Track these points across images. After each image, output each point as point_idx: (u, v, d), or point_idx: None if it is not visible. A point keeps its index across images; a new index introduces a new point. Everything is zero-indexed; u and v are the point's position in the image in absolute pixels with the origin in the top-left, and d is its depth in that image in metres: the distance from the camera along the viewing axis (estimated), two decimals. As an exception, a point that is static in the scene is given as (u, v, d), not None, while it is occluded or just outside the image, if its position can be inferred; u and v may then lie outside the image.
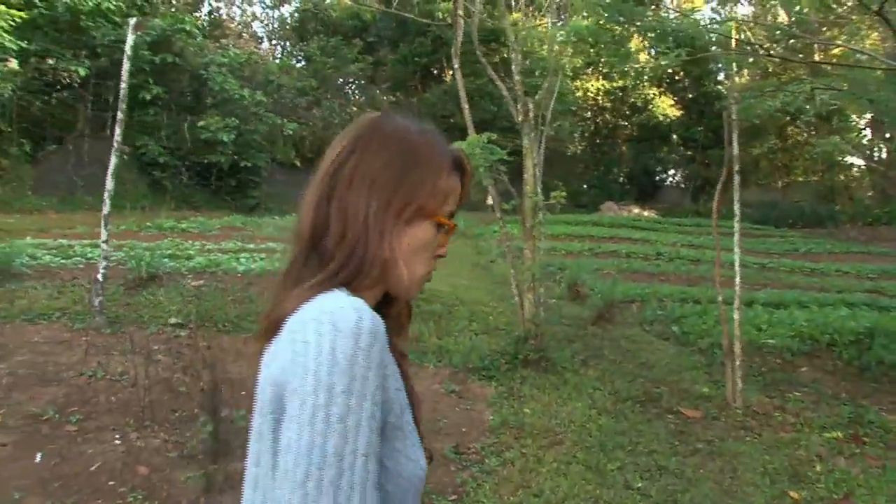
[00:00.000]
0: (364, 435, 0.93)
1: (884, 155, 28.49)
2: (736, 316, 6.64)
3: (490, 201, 7.64)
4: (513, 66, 6.85)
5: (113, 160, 7.32)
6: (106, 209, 7.31)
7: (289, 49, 30.80)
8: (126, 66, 7.31)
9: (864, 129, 29.60)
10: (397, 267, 1.12)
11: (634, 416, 6.18)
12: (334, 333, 0.95)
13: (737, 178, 6.71)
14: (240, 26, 28.42)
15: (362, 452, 0.92)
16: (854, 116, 29.80)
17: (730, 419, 6.37)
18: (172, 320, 7.45)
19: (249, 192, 22.67)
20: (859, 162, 29.66)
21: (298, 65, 28.56)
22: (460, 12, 6.96)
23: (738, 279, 6.70)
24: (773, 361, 7.88)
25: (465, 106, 7.02)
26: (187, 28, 20.30)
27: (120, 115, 7.31)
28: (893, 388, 7.62)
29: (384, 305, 1.21)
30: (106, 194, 7.34)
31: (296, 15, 29.97)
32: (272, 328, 1.07)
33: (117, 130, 7.30)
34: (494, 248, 13.24)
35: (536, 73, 20.03)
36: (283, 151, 24.52)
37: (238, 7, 28.01)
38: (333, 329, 0.95)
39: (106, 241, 7.34)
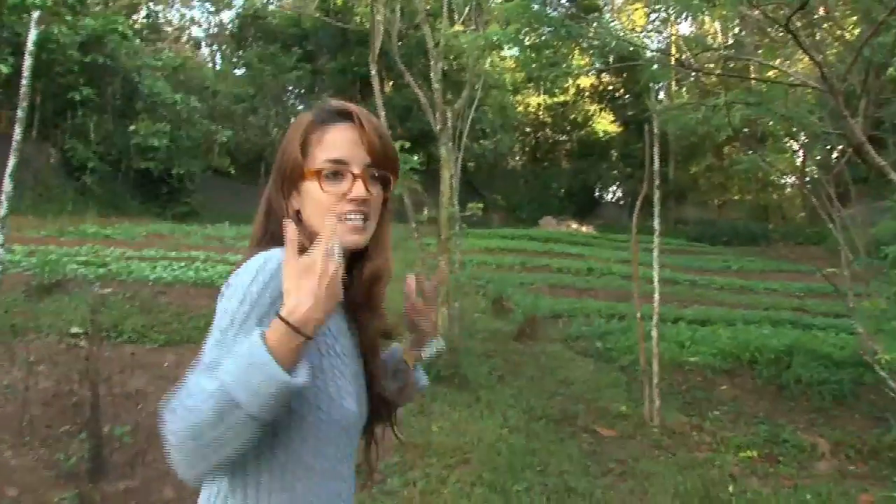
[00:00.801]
0: (240, 339, 1.12)
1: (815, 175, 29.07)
2: (654, 334, 6.53)
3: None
4: (432, 74, 6.68)
5: (12, 160, 6.92)
6: (2, 211, 6.90)
7: (228, 55, 30.20)
8: (28, 62, 6.92)
9: (797, 150, 30.32)
10: (310, 223, 1.33)
11: (548, 435, 6.01)
12: (243, 271, 1.22)
13: (657, 194, 6.62)
14: (177, 30, 27.76)
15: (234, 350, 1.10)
16: (787, 138, 30.54)
17: (645, 438, 6.24)
18: (73, 329, 7.07)
19: (182, 199, 22.15)
20: (792, 181, 30.22)
21: (238, 72, 28.05)
22: (379, 17, 6.78)
23: (656, 296, 6.61)
24: (694, 379, 7.81)
25: (382, 113, 6.83)
26: (120, 29, 19.73)
27: (20, 114, 6.91)
28: (810, 407, 7.61)
29: (354, 266, 1.38)
30: (3, 196, 6.93)
31: (235, 21, 29.43)
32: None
33: (17, 130, 6.90)
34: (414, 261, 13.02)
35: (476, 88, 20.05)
36: (218, 159, 24.05)
37: (177, 11, 27.35)
38: (244, 269, 1.22)
39: (2, 246, 6.92)
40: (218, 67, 28.87)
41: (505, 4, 5.96)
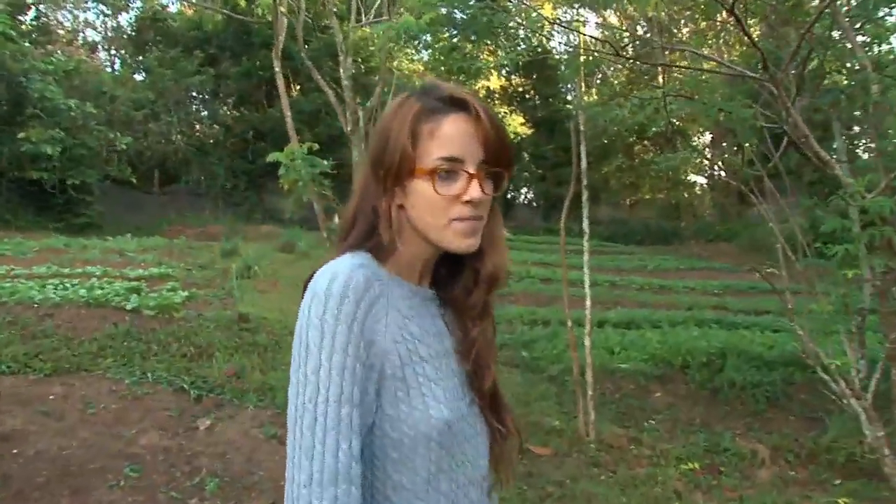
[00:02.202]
0: (335, 384, 1.07)
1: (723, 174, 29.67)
2: (587, 342, 6.13)
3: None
4: (341, 71, 6.15)
5: None
6: None
7: (127, 60, 28.80)
8: None
9: (705, 148, 30.94)
10: (417, 225, 1.22)
11: (479, 458, 5.56)
12: (311, 298, 1.12)
13: (585, 194, 6.25)
14: (71, 33, 26.28)
15: (334, 400, 1.06)
16: (695, 137, 31.13)
17: (583, 455, 5.85)
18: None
19: (80, 210, 20.87)
20: (702, 180, 30.85)
21: (139, 77, 26.76)
22: (283, 9, 6.22)
23: (588, 302, 6.20)
24: (627, 387, 7.48)
25: (288, 113, 6.27)
26: (2, 30, 18.42)
27: None
28: (745, 410, 7.39)
29: (453, 265, 1.33)
30: None
31: (134, 24, 28.08)
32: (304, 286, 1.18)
33: None
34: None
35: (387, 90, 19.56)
36: (117, 168, 22.83)
37: (69, 12, 25.86)
38: (310, 294, 1.12)
39: None
40: (117, 72, 27.43)
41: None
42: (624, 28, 15.02)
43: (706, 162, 29.07)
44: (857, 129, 11.92)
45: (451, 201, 1.18)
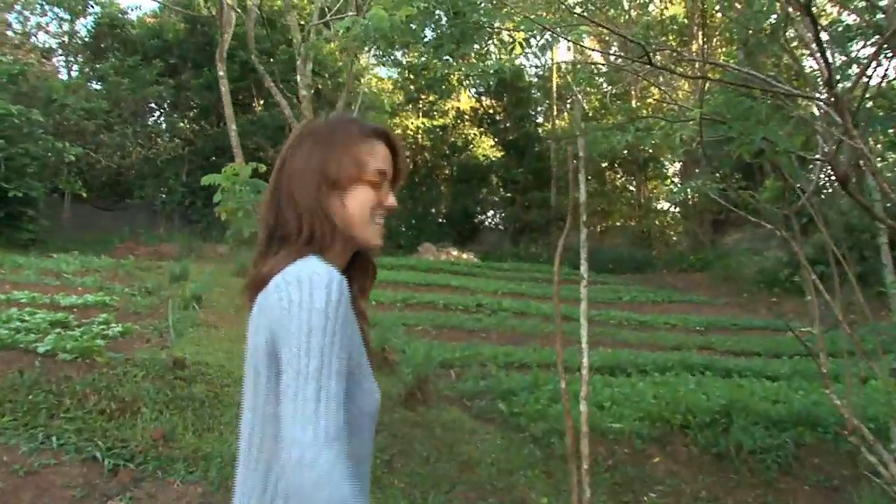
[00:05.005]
0: (335, 362, 1.27)
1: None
2: (583, 408, 5.13)
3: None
4: (298, 78, 5.16)
5: None
6: None
7: (85, 68, 27.34)
8: None
9: (675, 176, 30.43)
10: (350, 227, 1.50)
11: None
12: (312, 288, 1.31)
13: (584, 233, 5.33)
14: (22, 35, 24.86)
15: (336, 373, 1.27)
16: (667, 163, 30.59)
17: (578, 545, 4.88)
18: None
19: (22, 225, 19.41)
20: (674, 208, 30.31)
21: (96, 86, 25.36)
22: (229, 1, 5.22)
23: (585, 359, 5.22)
24: (622, 452, 6.51)
25: (233, 127, 5.26)
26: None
27: None
28: (755, 479, 6.49)
29: (350, 268, 1.60)
30: None
31: (92, 29, 26.68)
32: (260, 284, 1.43)
33: None
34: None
35: (353, 106, 18.57)
36: (66, 180, 21.51)
37: (18, 14, 24.45)
38: (311, 285, 1.31)
39: None
40: (74, 78, 25.98)
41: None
42: (601, 50, 14.29)
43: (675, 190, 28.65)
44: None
45: (377, 206, 1.54)
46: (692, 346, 11.70)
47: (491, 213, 34.05)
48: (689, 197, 26.21)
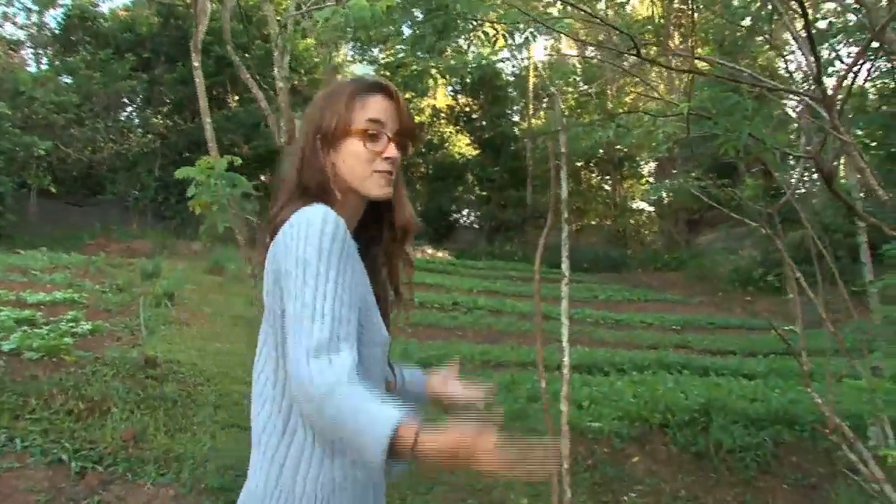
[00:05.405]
0: (331, 287, 1.37)
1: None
2: (564, 408, 5.06)
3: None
4: (276, 71, 5.04)
5: None
6: None
7: (55, 61, 26.82)
8: None
9: (650, 175, 30.57)
10: (346, 177, 1.59)
11: (435, 555, 4.47)
12: (307, 226, 1.42)
13: (565, 230, 5.25)
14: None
15: (331, 296, 1.36)
16: (642, 163, 30.73)
17: (558, 548, 4.80)
18: None
19: (-11, 220, 19.13)
20: (649, 207, 30.45)
21: (67, 79, 24.88)
22: (205, -13, 5.11)
23: (566, 358, 5.15)
24: (601, 451, 6.44)
25: (207, 120, 5.13)
26: None
27: None
28: (734, 478, 6.46)
29: (374, 221, 1.70)
30: None
31: (63, 21, 26.18)
32: (272, 232, 1.53)
33: None
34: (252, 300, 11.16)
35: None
36: (35, 175, 21.12)
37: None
38: (307, 223, 1.43)
39: None
40: (43, 71, 25.47)
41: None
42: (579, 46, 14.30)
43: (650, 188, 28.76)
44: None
45: (374, 156, 1.59)
46: (669, 345, 11.75)
47: (466, 211, 33.98)
48: (665, 196, 26.36)
